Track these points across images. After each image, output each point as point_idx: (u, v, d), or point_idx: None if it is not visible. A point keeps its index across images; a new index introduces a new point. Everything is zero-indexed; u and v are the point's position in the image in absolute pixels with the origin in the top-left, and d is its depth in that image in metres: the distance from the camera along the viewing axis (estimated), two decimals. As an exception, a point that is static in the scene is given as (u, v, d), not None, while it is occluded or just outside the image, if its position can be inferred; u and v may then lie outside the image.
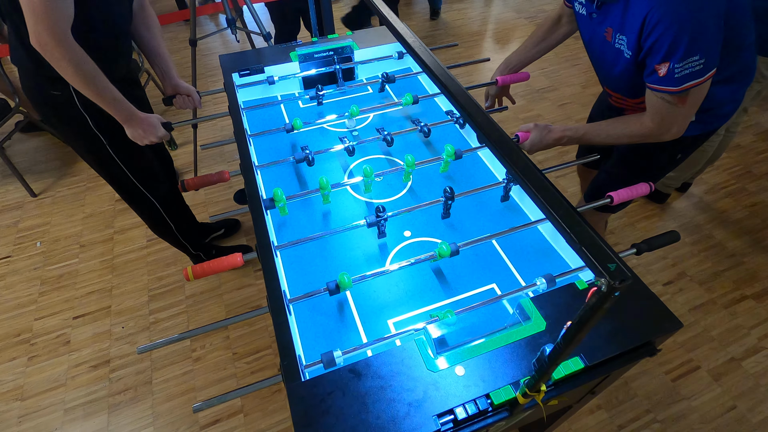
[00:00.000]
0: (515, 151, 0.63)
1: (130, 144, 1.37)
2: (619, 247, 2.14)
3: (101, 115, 1.28)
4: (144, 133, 1.32)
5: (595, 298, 0.48)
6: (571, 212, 0.54)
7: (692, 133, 1.26)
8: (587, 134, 1.21)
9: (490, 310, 0.97)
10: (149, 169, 1.55)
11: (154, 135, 1.34)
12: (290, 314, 0.93)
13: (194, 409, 0.83)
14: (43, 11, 1.00)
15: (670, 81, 0.98)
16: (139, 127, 1.30)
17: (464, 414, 0.74)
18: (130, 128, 1.30)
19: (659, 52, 0.95)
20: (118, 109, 1.24)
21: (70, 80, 1.12)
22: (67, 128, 1.33)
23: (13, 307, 2.00)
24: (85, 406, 1.68)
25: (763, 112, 2.88)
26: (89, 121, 1.30)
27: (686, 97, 1.01)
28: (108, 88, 1.18)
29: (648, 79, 1.03)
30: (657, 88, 1.01)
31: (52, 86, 1.23)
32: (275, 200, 1.10)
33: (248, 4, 2.09)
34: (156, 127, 1.34)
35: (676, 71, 0.96)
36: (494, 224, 1.18)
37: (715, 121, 1.24)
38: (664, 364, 1.73)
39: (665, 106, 1.05)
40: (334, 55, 1.64)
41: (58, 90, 1.24)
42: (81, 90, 1.16)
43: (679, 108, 1.04)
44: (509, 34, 3.84)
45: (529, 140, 1.24)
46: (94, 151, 1.39)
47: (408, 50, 0.86)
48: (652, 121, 1.09)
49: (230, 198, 2.40)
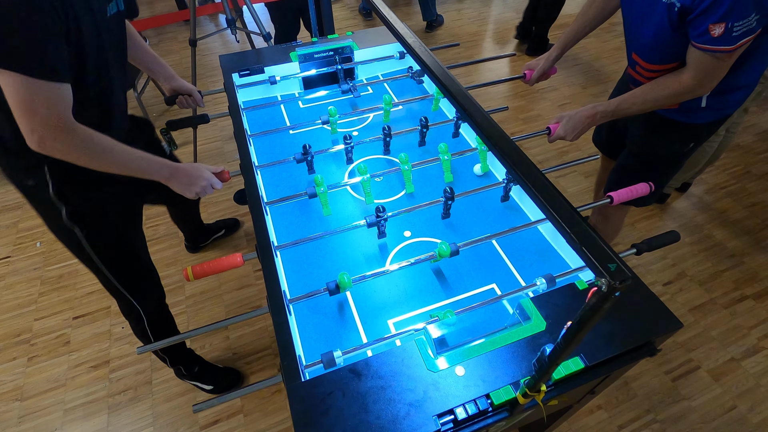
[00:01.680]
0: (515, 151, 0.63)
1: (113, 239, 1.20)
2: (619, 247, 2.14)
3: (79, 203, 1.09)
4: (189, 185, 1.12)
5: (595, 298, 0.48)
6: (571, 212, 0.54)
7: (705, 120, 1.26)
8: (621, 105, 1.19)
9: (490, 310, 0.97)
10: (137, 271, 1.31)
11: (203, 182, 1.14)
12: (290, 314, 0.93)
13: (194, 410, 0.83)
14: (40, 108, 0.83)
15: (726, 40, 0.97)
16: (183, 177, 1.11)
17: (464, 414, 0.74)
18: (175, 184, 1.11)
19: (718, 11, 0.94)
20: (155, 172, 1.06)
21: (86, 165, 0.96)
22: (45, 220, 1.14)
23: (13, 307, 2.00)
24: (85, 407, 1.68)
25: (763, 112, 2.88)
26: (63, 212, 1.08)
27: (735, 53, 1.01)
28: (130, 154, 1.01)
29: (698, 39, 1.01)
30: (709, 48, 1.00)
31: (25, 174, 1.04)
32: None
33: (248, 4, 2.09)
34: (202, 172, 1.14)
35: (735, 30, 0.95)
36: (494, 224, 1.18)
37: (727, 106, 1.24)
38: (664, 364, 1.73)
39: (713, 63, 1.03)
40: (335, 55, 1.64)
41: (31, 179, 1.04)
42: (103, 170, 0.98)
43: (726, 63, 1.03)
44: (509, 34, 3.84)
45: (561, 127, 1.24)
46: (69, 246, 1.17)
47: (408, 50, 0.86)
48: (694, 78, 1.08)
49: (230, 198, 2.40)
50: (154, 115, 3.04)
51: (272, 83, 1.58)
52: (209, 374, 1.67)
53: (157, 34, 3.99)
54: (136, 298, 1.33)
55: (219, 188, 1.18)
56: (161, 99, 3.18)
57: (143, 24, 3.15)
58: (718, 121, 1.28)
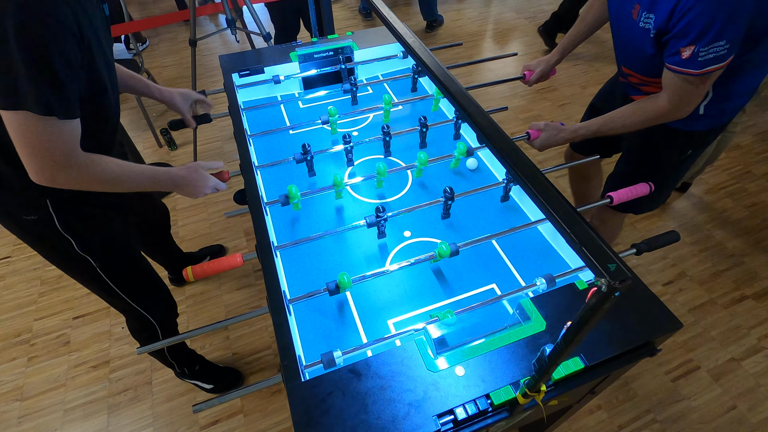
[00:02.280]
0: (515, 151, 0.63)
1: (125, 263, 1.21)
2: (619, 247, 2.14)
3: (90, 233, 1.08)
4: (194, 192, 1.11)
5: (595, 298, 0.48)
6: (571, 212, 0.54)
7: (703, 128, 1.27)
8: (601, 128, 1.22)
9: (490, 310, 0.97)
10: (147, 286, 1.32)
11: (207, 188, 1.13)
12: (290, 314, 0.93)
13: (194, 410, 0.83)
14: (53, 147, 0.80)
15: (692, 64, 0.98)
16: (187, 186, 1.10)
17: (464, 414, 0.74)
18: (180, 191, 1.11)
19: (688, 36, 0.96)
20: (160, 184, 1.06)
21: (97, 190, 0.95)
22: (50, 253, 1.11)
23: (13, 307, 2.00)
24: (85, 407, 1.68)
25: (763, 112, 2.88)
26: (74, 244, 1.06)
27: (706, 78, 1.02)
28: (138, 172, 0.99)
29: (669, 60, 1.03)
30: (678, 69, 1.01)
31: (25, 210, 0.99)
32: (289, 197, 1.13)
33: (248, 5, 2.09)
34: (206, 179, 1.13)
35: (701, 55, 0.96)
36: (494, 224, 1.18)
37: (724, 115, 1.24)
38: (664, 364, 1.73)
39: (684, 87, 1.05)
40: (339, 55, 1.64)
41: (32, 214, 1.00)
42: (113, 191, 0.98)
43: (698, 88, 1.05)
44: (509, 34, 3.84)
45: (539, 139, 1.26)
46: (83, 275, 1.16)
47: (408, 50, 0.86)
48: (670, 102, 1.09)
49: (230, 198, 2.40)
50: (154, 116, 3.03)
51: (276, 83, 1.58)
52: (210, 373, 1.67)
53: (157, 34, 3.99)
54: (154, 315, 1.34)
55: (223, 189, 1.17)
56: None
57: (143, 24, 3.16)
58: (716, 129, 1.29)
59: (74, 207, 1.03)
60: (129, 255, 1.23)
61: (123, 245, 1.20)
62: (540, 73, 1.55)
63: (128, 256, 1.23)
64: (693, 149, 1.34)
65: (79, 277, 1.17)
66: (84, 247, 1.08)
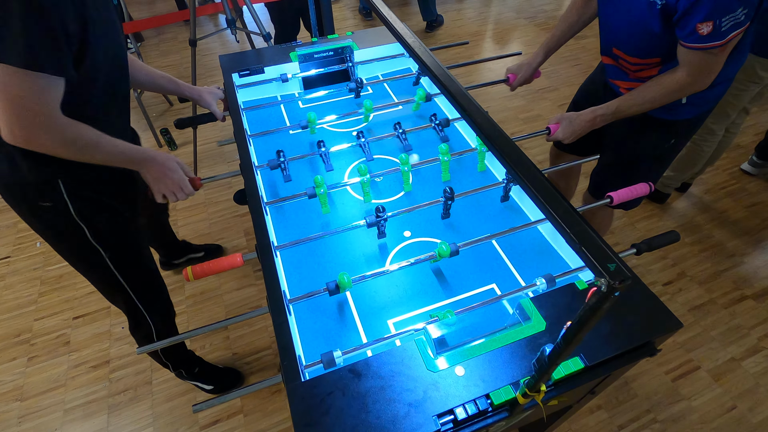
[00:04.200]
0: (515, 151, 0.63)
1: (135, 256, 1.21)
2: (619, 247, 2.14)
3: (103, 223, 1.08)
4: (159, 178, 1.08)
5: (595, 298, 0.48)
6: (571, 212, 0.54)
7: (685, 117, 1.27)
8: (620, 107, 1.20)
9: (490, 310, 0.97)
10: (151, 284, 1.33)
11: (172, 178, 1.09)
12: (290, 314, 0.93)
13: (194, 410, 0.83)
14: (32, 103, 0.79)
15: (715, 36, 0.97)
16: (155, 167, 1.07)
17: (464, 414, 0.74)
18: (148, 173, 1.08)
19: (703, 10, 0.94)
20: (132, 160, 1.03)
21: (70, 158, 0.93)
22: (61, 242, 1.11)
23: (13, 307, 2.00)
24: (85, 407, 1.68)
25: (763, 112, 2.88)
26: (87, 233, 1.07)
27: (728, 47, 1.01)
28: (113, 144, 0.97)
29: (687, 39, 1.01)
30: (699, 46, 1.00)
31: (41, 196, 0.99)
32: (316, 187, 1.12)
33: (248, 5, 2.09)
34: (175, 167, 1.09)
35: (723, 26, 0.95)
36: (494, 224, 1.18)
37: (706, 103, 1.25)
38: (664, 364, 1.73)
39: (705, 58, 1.04)
40: (345, 54, 1.65)
41: (47, 200, 1.00)
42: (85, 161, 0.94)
43: (719, 57, 1.04)
44: (509, 34, 3.84)
45: (561, 130, 1.25)
46: (91, 266, 1.16)
47: (408, 50, 0.86)
48: (689, 75, 1.08)
49: (230, 198, 2.40)
50: (154, 116, 3.04)
51: (284, 81, 1.58)
52: (209, 374, 1.67)
53: (157, 34, 3.99)
54: (152, 316, 1.34)
55: (189, 193, 1.14)
56: (161, 98, 3.18)
57: (143, 24, 3.15)
58: (699, 117, 1.29)
59: (88, 194, 1.04)
60: (138, 250, 1.24)
61: (133, 239, 1.21)
62: (523, 78, 1.55)
63: (137, 251, 1.24)
64: (676, 139, 1.34)
65: (87, 267, 1.17)
66: (97, 237, 1.09)
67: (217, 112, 1.42)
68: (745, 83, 1.79)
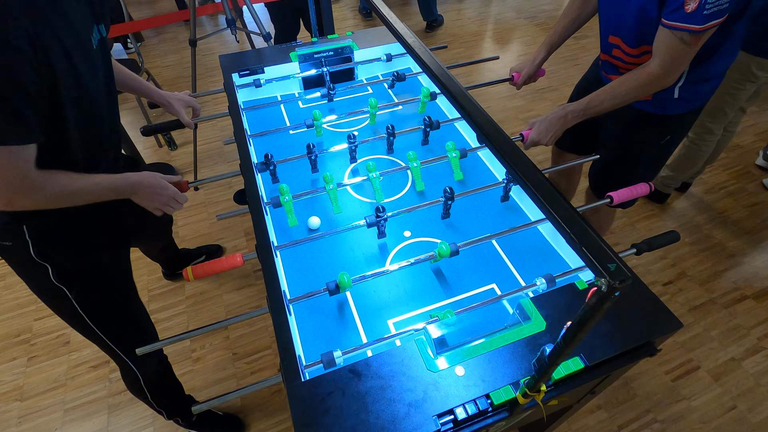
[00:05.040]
0: (515, 151, 0.63)
1: (107, 297, 1.12)
2: (619, 247, 2.14)
3: (68, 261, 1.03)
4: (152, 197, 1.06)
5: (595, 298, 0.48)
6: (571, 212, 0.54)
7: (678, 111, 1.27)
8: (591, 103, 1.20)
9: (490, 310, 0.97)
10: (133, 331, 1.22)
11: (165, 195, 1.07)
12: (290, 314, 0.93)
13: (194, 410, 0.83)
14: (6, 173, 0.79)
15: (696, 18, 0.96)
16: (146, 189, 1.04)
17: (464, 414, 0.74)
18: (138, 198, 1.06)
19: None
20: (119, 191, 1.01)
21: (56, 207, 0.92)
22: (27, 280, 1.06)
23: (13, 307, 2.00)
24: (85, 407, 1.68)
25: (763, 111, 2.88)
26: (50, 271, 1.01)
27: (701, 37, 1.00)
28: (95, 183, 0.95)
29: (669, 16, 1.00)
30: (678, 26, 0.99)
31: (2, 235, 0.97)
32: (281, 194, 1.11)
33: (248, 4, 2.09)
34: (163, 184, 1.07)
35: (707, 8, 0.94)
36: (494, 224, 1.18)
37: (698, 98, 1.25)
38: (664, 364, 1.73)
39: (678, 47, 1.03)
40: (349, 54, 1.65)
41: (8, 240, 0.97)
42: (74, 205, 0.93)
43: (691, 49, 1.02)
44: (509, 34, 3.84)
45: (534, 132, 1.24)
46: (57, 307, 1.10)
47: (408, 50, 0.86)
48: (661, 65, 1.07)
49: (230, 198, 2.40)
50: (155, 116, 3.04)
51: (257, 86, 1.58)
52: (209, 423, 1.56)
53: (157, 34, 3.99)
54: (132, 358, 1.22)
55: (183, 202, 1.12)
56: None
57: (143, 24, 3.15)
58: (692, 113, 1.30)
59: (51, 235, 0.99)
60: (111, 288, 1.14)
61: (105, 276, 1.11)
62: (527, 75, 1.54)
63: (110, 289, 1.13)
64: (671, 134, 1.35)
65: (55, 309, 1.11)
66: (59, 277, 1.02)
67: (185, 120, 1.35)
68: (741, 82, 1.80)
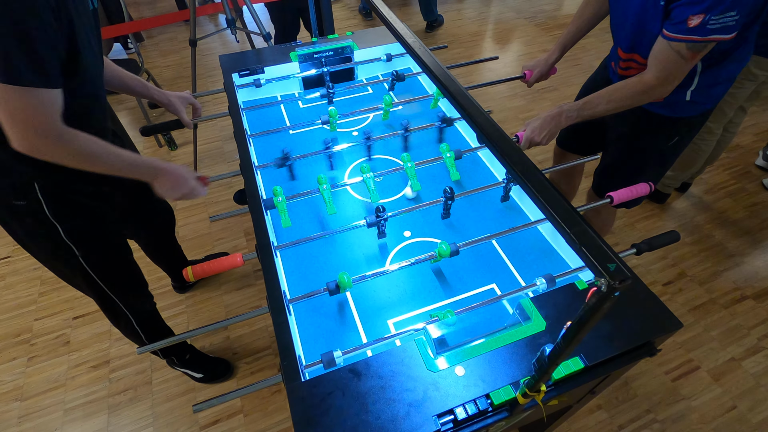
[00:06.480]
0: (515, 151, 0.63)
1: (108, 255, 1.21)
2: (619, 247, 2.14)
3: (76, 221, 1.09)
4: (173, 188, 1.09)
5: (595, 298, 0.48)
6: (570, 212, 0.54)
7: (688, 114, 1.27)
8: (586, 105, 1.20)
9: (490, 310, 0.97)
10: (130, 282, 1.33)
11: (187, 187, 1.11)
12: (290, 314, 0.93)
13: (194, 410, 0.83)
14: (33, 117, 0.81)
15: (698, 31, 0.95)
16: (167, 180, 1.08)
17: (464, 414, 0.74)
18: (159, 186, 1.08)
19: (702, 3, 0.92)
20: (140, 171, 1.04)
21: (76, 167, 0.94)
22: (33, 239, 1.11)
23: (13, 307, 2.00)
24: (85, 407, 1.68)
25: (763, 111, 2.88)
26: (60, 230, 1.07)
27: (699, 53, 1.00)
28: (118, 154, 0.98)
29: (671, 28, 0.99)
30: (678, 37, 0.98)
31: (14, 195, 1.00)
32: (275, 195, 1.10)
33: (248, 5, 2.09)
34: (188, 177, 1.11)
35: (710, 24, 0.93)
36: (494, 224, 1.18)
37: (709, 101, 1.25)
38: (664, 364, 1.73)
39: (675, 60, 1.02)
40: (349, 54, 1.65)
41: (21, 199, 1.00)
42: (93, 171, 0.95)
43: (688, 63, 1.02)
44: (509, 35, 3.84)
45: (528, 131, 1.23)
46: (63, 264, 1.16)
47: (408, 50, 0.86)
48: (657, 77, 1.08)
49: (230, 198, 2.40)
50: (154, 116, 3.04)
51: (257, 86, 1.58)
52: (200, 362, 1.70)
53: (157, 34, 3.99)
54: (128, 305, 1.33)
55: (203, 195, 1.15)
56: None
57: (143, 24, 3.16)
58: (701, 116, 1.29)
59: (62, 194, 1.04)
60: (113, 245, 1.23)
61: (108, 235, 1.20)
62: (539, 73, 1.55)
63: (112, 246, 1.23)
64: (680, 136, 1.34)
65: (60, 265, 1.17)
66: (69, 235, 1.09)
67: (185, 119, 1.36)
68: (740, 81, 1.80)
